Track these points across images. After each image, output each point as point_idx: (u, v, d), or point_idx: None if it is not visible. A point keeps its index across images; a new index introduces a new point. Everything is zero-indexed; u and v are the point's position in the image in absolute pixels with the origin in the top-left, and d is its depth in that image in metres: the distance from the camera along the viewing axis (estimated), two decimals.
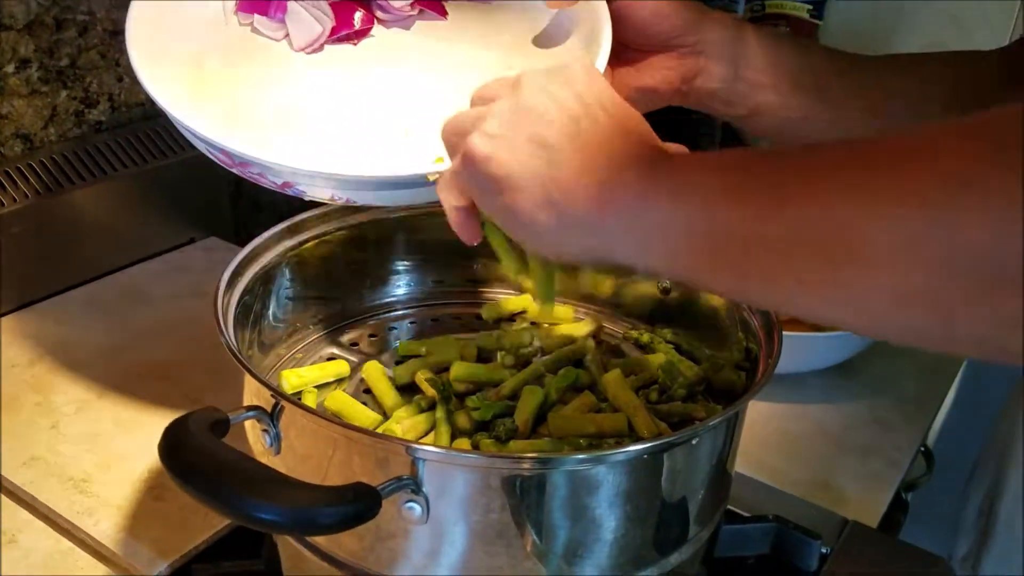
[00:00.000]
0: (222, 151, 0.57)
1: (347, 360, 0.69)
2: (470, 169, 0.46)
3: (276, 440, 0.54)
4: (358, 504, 0.45)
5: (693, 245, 0.41)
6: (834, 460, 0.81)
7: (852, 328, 0.40)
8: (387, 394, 0.64)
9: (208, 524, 0.66)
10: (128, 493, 0.69)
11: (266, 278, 0.67)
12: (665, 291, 0.71)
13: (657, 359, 0.68)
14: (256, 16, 0.70)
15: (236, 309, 0.62)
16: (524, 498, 0.50)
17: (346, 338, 0.73)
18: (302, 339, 0.72)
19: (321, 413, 0.57)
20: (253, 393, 0.56)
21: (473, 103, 0.50)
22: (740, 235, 0.39)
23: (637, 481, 0.51)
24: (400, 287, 0.76)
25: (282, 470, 0.54)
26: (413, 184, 0.58)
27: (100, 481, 0.70)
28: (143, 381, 0.82)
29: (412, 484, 0.48)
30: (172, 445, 0.47)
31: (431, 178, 0.57)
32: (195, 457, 0.46)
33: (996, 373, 1.00)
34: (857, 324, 0.39)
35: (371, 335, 0.73)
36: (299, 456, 0.54)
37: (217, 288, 0.60)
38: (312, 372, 0.66)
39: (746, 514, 0.73)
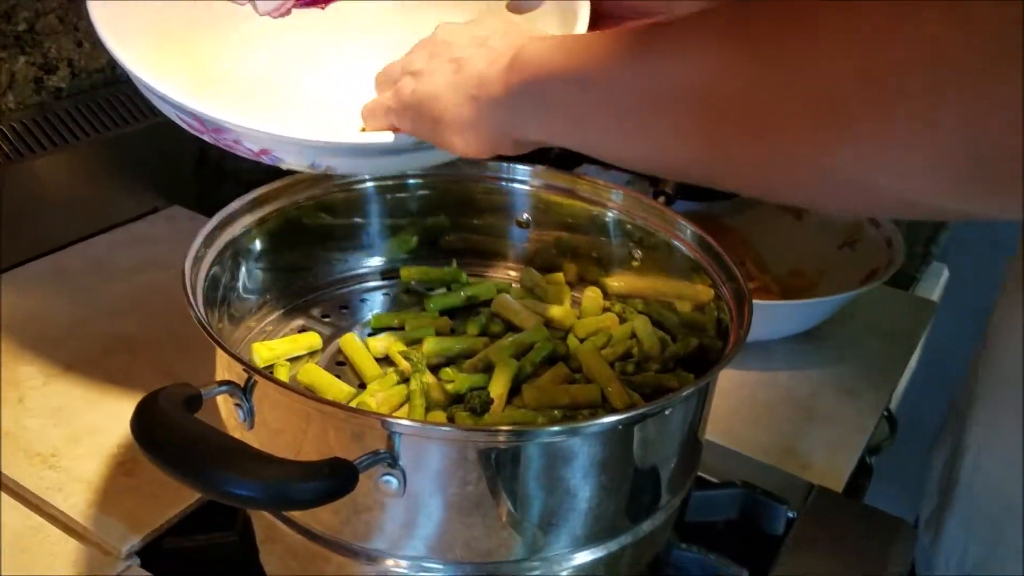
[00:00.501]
0: (196, 118, 0.56)
1: (319, 332, 0.68)
2: (402, 104, 0.54)
3: (249, 415, 0.54)
4: (334, 479, 0.45)
5: (593, 109, 0.44)
6: (801, 426, 0.82)
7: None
8: (367, 366, 0.63)
9: (180, 498, 0.66)
10: (98, 468, 0.69)
11: (235, 250, 0.66)
12: (637, 261, 0.71)
13: (628, 329, 0.68)
14: None
15: (205, 282, 0.61)
16: (500, 470, 0.50)
17: (317, 310, 0.72)
18: (272, 311, 0.71)
19: (295, 388, 0.57)
20: (225, 367, 0.56)
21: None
22: (648, 94, 0.42)
23: (611, 451, 0.52)
24: (371, 258, 0.76)
25: (256, 445, 0.54)
26: (396, 151, 0.57)
27: (69, 456, 0.70)
28: (110, 354, 0.81)
29: (388, 458, 0.48)
30: (144, 422, 0.46)
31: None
32: (168, 434, 0.46)
33: (960, 336, 1.02)
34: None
35: (342, 307, 0.73)
36: (273, 430, 0.54)
37: (185, 261, 0.59)
38: (284, 345, 0.66)
39: (715, 480, 0.74)
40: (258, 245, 0.68)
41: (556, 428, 0.53)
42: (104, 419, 0.73)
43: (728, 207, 1.02)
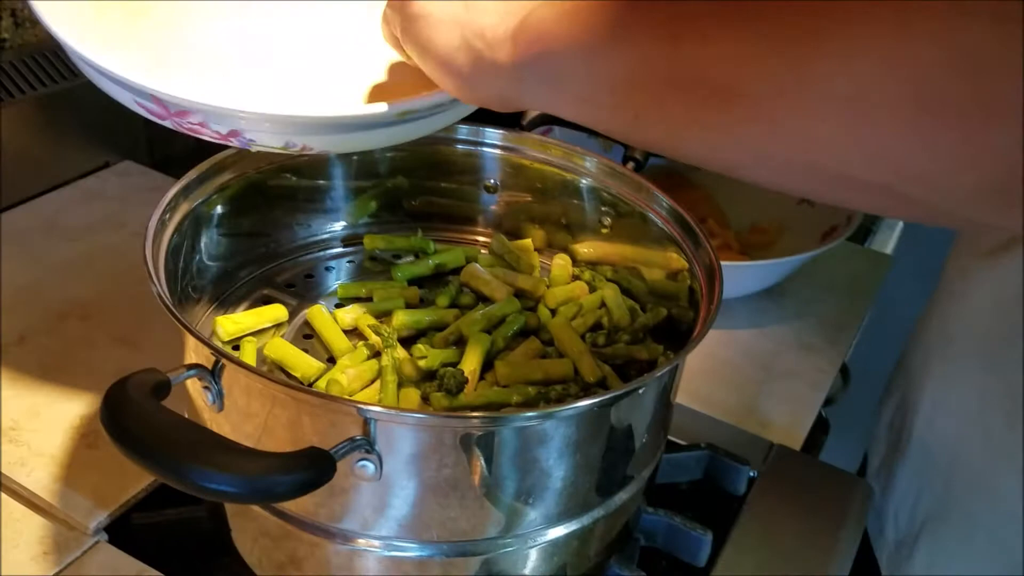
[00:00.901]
0: (156, 100, 0.52)
1: (284, 303, 0.67)
2: (396, 4, 0.52)
3: (219, 397, 0.53)
4: (312, 471, 0.45)
5: (597, 86, 0.43)
6: (761, 384, 0.84)
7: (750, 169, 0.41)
8: (336, 339, 0.63)
9: (146, 472, 0.65)
10: (60, 441, 0.68)
11: (195, 217, 0.64)
12: (607, 228, 0.71)
13: (597, 298, 0.68)
14: None
15: (166, 254, 0.59)
16: (476, 453, 0.50)
17: (282, 279, 0.71)
18: (235, 280, 0.69)
19: (268, 375, 0.56)
20: (192, 349, 0.55)
21: None
22: (646, 75, 0.41)
23: (586, 432, 0.52)
24: (335, 222, 0.74)
25: (226, 427, 0.54)
26: (377, 125, 0.55)
27: (29, 429, 0.68)
28: (65, 320, 0.79)
29: (365, 444, 0.48)
30: (114, 413, 0.45)
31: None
32: (141, 427, 0.45)
33: (913, 286, 1.04)
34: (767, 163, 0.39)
35: (307, 275, 0.72)
36: (243, 413, 0.53)
37: (145, 238, 0.57)
38: (249, 318, 0.64)
39: (681, 442, 0.75)
40: (219, 210, 0.66)
41: (532, 413, 0.53)
42: (64, 390, 0.72)
43: None
